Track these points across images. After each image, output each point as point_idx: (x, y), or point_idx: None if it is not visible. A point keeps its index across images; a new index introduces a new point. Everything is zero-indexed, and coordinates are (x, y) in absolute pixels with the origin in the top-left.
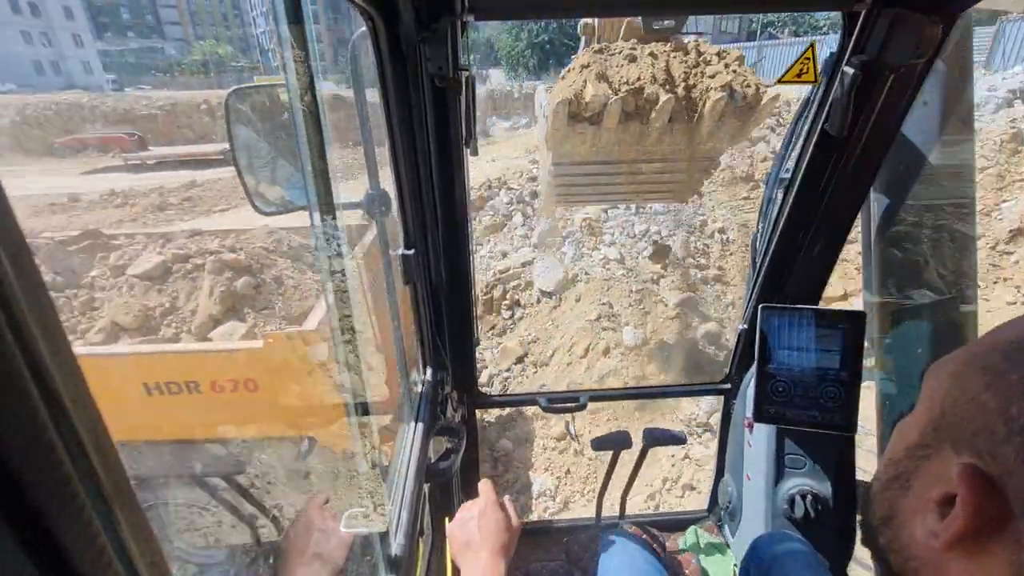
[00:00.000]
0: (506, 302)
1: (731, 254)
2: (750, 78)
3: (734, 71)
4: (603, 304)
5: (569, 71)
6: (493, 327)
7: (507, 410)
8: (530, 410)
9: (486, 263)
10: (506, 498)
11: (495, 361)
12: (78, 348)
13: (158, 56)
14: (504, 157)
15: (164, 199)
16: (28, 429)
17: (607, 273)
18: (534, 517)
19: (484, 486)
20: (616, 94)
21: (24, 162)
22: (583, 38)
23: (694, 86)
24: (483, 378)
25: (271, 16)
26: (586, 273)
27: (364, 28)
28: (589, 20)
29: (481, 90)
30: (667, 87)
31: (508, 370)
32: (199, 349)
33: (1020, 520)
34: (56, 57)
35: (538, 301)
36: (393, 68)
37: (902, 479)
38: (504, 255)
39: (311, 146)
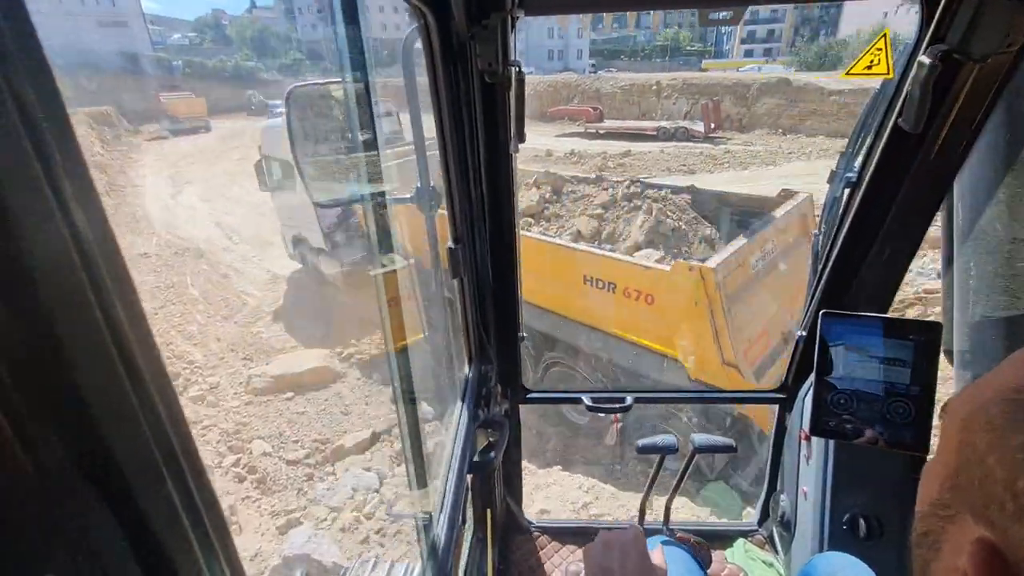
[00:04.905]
0: None
1: None
2: None
3: None
4: None
5: None
6: None
7: None
8: None
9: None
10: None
11: None
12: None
13: (628, 43)
14: None
15: (604, 162)
16: (131, 438)
17: None
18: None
19: (636, 532)
20: None
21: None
22: None
23: None
24: None
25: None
26: None
27: (416, 26)
28: None
29: None
30: None
31: None
32: (625, 260)
33: None
34: (563, 47)
35: None
36: (444, 64)
37: (931, 538)
38: None
39: (364, 142)
